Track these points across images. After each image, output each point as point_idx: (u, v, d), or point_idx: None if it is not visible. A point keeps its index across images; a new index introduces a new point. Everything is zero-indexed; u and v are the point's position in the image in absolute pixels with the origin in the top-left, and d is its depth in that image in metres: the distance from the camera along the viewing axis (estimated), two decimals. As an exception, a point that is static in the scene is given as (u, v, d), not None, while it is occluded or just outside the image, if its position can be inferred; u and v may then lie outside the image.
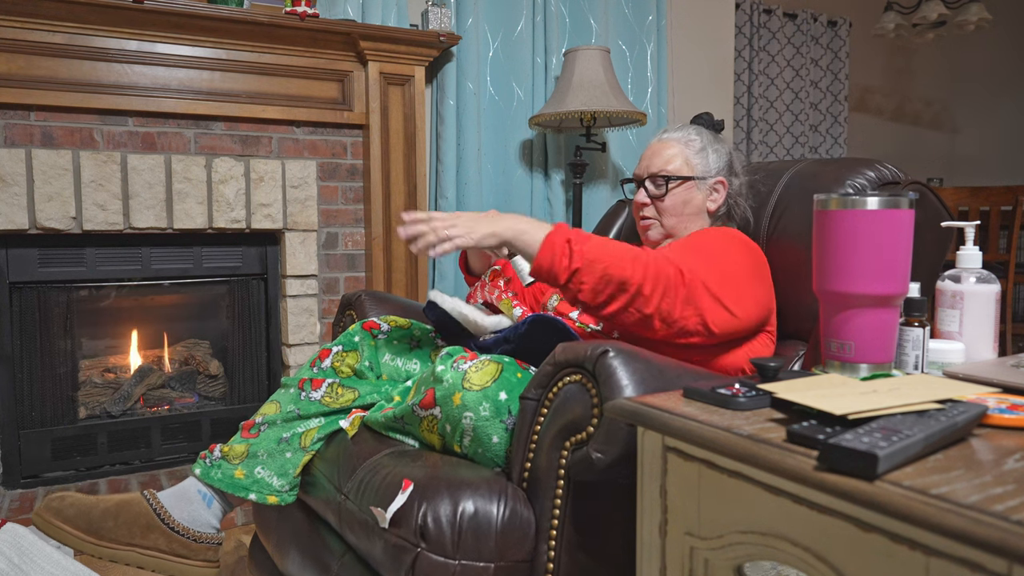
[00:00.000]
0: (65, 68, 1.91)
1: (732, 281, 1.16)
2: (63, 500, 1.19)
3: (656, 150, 1.42)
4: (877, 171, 1.31)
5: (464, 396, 1.05)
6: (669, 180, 1.38)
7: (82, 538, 1.16)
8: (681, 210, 1.38)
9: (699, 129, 1.45)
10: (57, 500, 1.19)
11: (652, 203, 1.39)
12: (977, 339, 0.99)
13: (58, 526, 1.16)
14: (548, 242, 1.07)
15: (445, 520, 0.95)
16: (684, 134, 1.43)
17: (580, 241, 1.06)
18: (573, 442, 0.95)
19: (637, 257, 1.07)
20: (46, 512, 1.17)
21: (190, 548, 1.21)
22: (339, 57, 2.23)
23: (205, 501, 1.24)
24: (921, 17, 3.81)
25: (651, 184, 1.39)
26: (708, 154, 1.41)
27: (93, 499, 1.21)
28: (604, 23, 2.75)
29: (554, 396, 0.99)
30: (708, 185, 1.40)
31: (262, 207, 2.18)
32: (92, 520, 1.18)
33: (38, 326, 2.01)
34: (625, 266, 1.06)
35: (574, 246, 1.06)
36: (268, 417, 1.28)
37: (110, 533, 1.17)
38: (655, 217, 1.40)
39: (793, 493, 0.64)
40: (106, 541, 1.17)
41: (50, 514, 1.17)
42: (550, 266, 1.07)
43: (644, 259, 1.07)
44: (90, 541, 1.17)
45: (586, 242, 1.07)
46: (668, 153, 1.40)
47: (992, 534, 0.48)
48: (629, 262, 1.06)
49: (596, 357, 0.92)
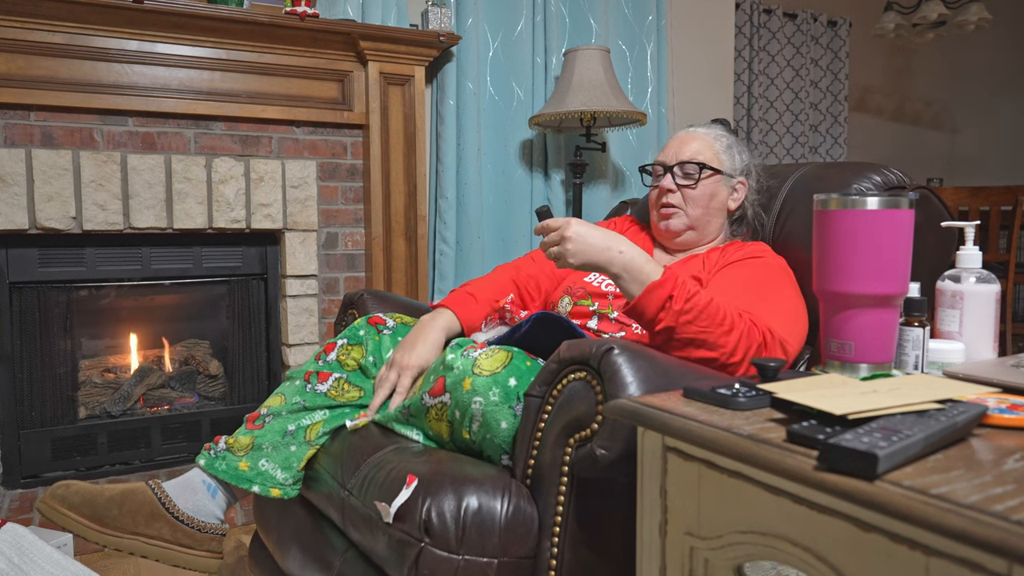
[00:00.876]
0: (65, 68, 1.91)
1: (792, 324, 1.18)
2: (68, 488, 1.20)
3: (684, 140, 1.43)
4: (883, 175, 1.32)
5: (474, 381, 1.06)
6: (703, 168, 1.38)
7: (87, 525, 1.17)
8: (707, 203, 1.39)
9: (725, 128, 1.48)
10: (63, 488, 1.19)
11: (680, 191, 1.39)
12: (977, 339, 0.99)
13: (63, 513, 1.17)
14: (651, 295, 1.05)
15: (449, 515, 0.95)
16: (711, 130, 1.45)
17: (680, 299, 1.04)
18: (577, 439, 0.95)
19: (732, 329, 1.05)
20: (51, 499, 1.18)
21: (194, 538, 1.21)
22: (339, 57, 2.23)
23: (209, 492, 1.24)
24: (921, 17, 3.81)
25: (680, 171, 1.39)
26: (734, 153, 1.44)
27: (98, 487, 1.21)
28: (604, 23, 2.75)
29: (558, 393, 0.99)
30: (732, 184, 1.42)
31: (262, 207, 2.18)
32: (97, 508, 1.18)
33: (38, 326, 2.01)
34: (718, 336, 1.05)
35: (674, 304, 1.04)
36: (273, 409, 1.29)
37: (115, 521, 1.18)
38: (680, 206, 1.39)
39: (793, 493, 0.64)
40: (111, 529, 1.17)
41: (55, 501, 1.18)
42: (643, 312, 1.06)
43: (739, 330, 1.06)
44: (95, 528, 1.17)
45: (689, 300, 1.04)
46: (698, 145, 1.41)
47: (992, 534, 0.48)
48: (723, 334, 1.05)
49: (601, 354, 0.93)
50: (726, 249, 1.37)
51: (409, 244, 2.37)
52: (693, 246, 1.44)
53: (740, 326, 1.06)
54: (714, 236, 1.44)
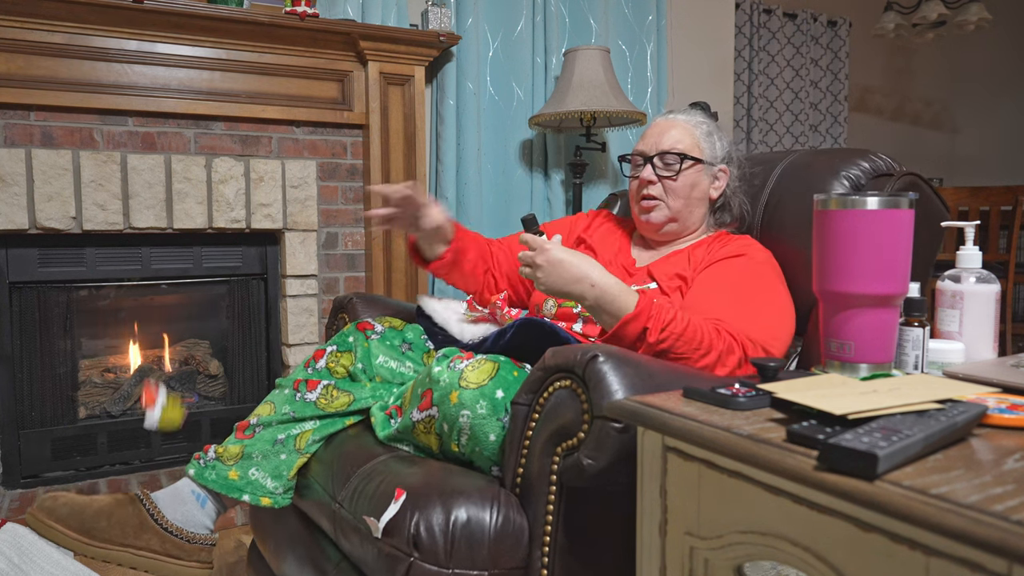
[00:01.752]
0: (65, 68, 1.91)
1: (775, 325, 1.18)
2: (56, 500, 1.19)
3: (663, 128, 1.38)
4: (871, 162, 1.30)
5: (461, 394, 1.05)
6: (683, 159, 1.34)
7: (75, 538, 1.16)
8: (688, 193, 1.35)
9: (704, 114, 1.43)
10: (50, 500, 1.19)
11: (660, 182, 1.35)
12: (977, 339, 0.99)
13: (50, 525, 1.16)
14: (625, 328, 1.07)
15: (438, 529, 0.94)
16: (691, 117, 1.41)
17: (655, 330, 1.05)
18: (564, 448, 0.94)
19: (711, 350, 1.06)
20: (39, 512, 1.17)
21: (183, 549, 1.20)
22: (339, 57, 2.23)
23: (199, 502, 1.23)
24: (921, 17, 3.81)
25: (661, 162, 1.35)
26: (714, 140, 1.39)
27: (86, 499, 1.20)
28: (604, 23, 2.75)
29: (544, 401, 0.97)
30: (713, 172, 1.38)
31: (262, 207, 2.18)
32: (85, 520, 1.17)
33: (38, 326, 2.01)
34: (696, 359, 1.06)
35: (649, 337, 1.05)
36: (263, 418, 1.28)
37: (103, 533, 1.17)
38: (661, 197, 1.35)
39: (793, 493, 0.64)
40: (99, 541, 1.17)
41: (43, 514, 1.17)
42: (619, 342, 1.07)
43: (717, 351, 1.07)
44: (83, 541, 1.16)
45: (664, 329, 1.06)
46: (677, 133, 1.36)
47: (992, 534, 0.48)
48: (701, 357, 1.06)
49: (586, 362, 0.91)
50: (711, 244, 1.33)
51: (409, 244, 2.37)
52: (675, 237, 1.40)
53: (719, 346, 1.07)
54: (696, 226, 1.39)
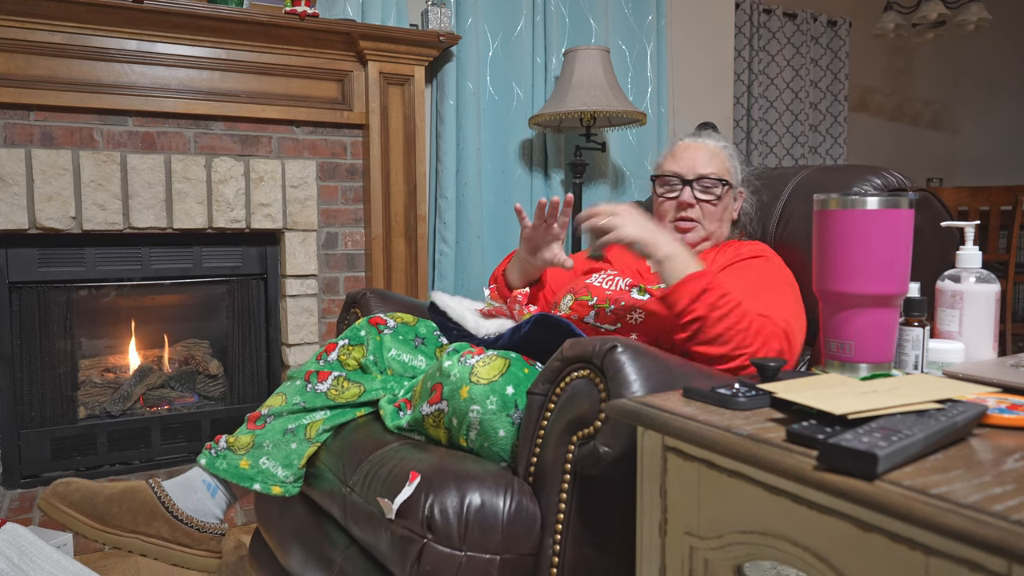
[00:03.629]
0: (65, 68, 1.91)
1: (797, 322, 1.19)
2: (69, 485, 1.20)
3: (698, 152, 1.43)
4: (883, 178, 1.32)
5: (471, 390, 1.06)
6: (725, 185, 1.40)
7: (86, 523, 1.17)
8: (722, 216, 1.42)
9: (720, 136, 1.50)
10: (63, 485, 1.20)
11: (698, 204, 1.39)
12: (977, 339, 0.99)
13: (63, 510, 1.17)
14: (688, 284, 1.08)
15: (452, 512, 0.95)
16: (717, 141, 1.47)
17: (715, 293, 1.07)
18: (580, 436, 0.95)
19: (759, 332, 1.08)
20: (52, 497, 1.19)
21: (193, 537, 1.21)
22: (339, 57, 2.23)
23: (210, 491, 1.25)
24: (921, 17, 3.81)
25: (699, 186, 1.39)
26: (736, 163, 1.46)
27: (98, 485, 1.22)
28: (604, 23, 2.75)
29: (561, 391, 0.99)
30: (734, 193, 1.45)
31: (262, 207, 2.18)
32: (97, 506, 1.18)
33: (38, 326, 2.01)
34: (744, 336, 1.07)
35: (708, 297, 1.07)
36: (274, 409, 1.29)
37: (114, 520, 1.18)
38: (699, 220, 1.40)
39: (793, 493, 0.64)
40: (110, 527, 1.18)
41: (56, 499, 1.18)
42: (678, 299, 1.08)
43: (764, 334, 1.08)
44: (94, 527, 1.17)
45: (723, 296, 1.07)
46: (712, 158, 1.42)
47: (992, 534, 0.48)
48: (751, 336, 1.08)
49: (604, 352, 0.93)
50: (724, 249, 1.39)
51: (409, 244, 2.37)
52: None
53: (765, 330, 1.09)
54: (721, 241, 1.47)
